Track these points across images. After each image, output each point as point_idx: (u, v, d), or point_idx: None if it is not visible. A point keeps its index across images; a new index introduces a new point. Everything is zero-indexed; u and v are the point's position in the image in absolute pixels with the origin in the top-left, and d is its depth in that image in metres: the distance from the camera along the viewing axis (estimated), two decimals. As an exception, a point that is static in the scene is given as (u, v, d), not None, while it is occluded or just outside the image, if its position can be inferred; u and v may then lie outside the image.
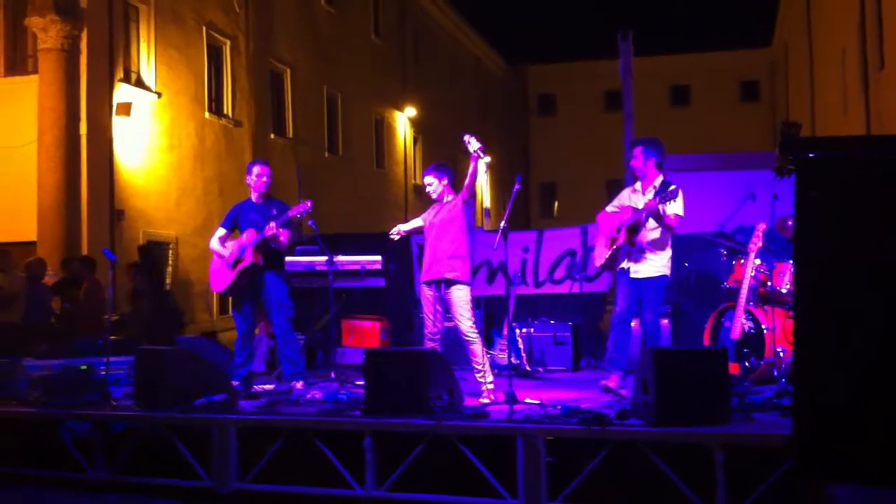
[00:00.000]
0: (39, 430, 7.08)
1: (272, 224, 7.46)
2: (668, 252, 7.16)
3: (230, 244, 7.80)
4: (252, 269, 7.57)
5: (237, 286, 7.69)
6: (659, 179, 7.21)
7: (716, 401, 5.64)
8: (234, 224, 7.91)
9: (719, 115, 39.35)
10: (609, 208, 7.45)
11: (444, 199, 7.34)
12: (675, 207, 6.89)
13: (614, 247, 7.13)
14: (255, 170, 7.91)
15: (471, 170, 6.99)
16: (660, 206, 6.78)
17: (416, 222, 7.59)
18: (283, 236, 7.57)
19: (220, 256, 7.77)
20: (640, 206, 7.11)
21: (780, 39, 36.25)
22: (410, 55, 31.84)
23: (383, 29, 29.48)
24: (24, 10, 15.51)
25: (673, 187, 6.86)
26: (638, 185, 7.35)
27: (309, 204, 7.57)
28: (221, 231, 7.91)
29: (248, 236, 7.59)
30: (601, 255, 7.34)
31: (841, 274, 4.26)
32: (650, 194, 7.12)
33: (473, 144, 6.95)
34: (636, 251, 7.07)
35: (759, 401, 6.33)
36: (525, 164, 42.38)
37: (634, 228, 7.00)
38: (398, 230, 7.66)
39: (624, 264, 7.17)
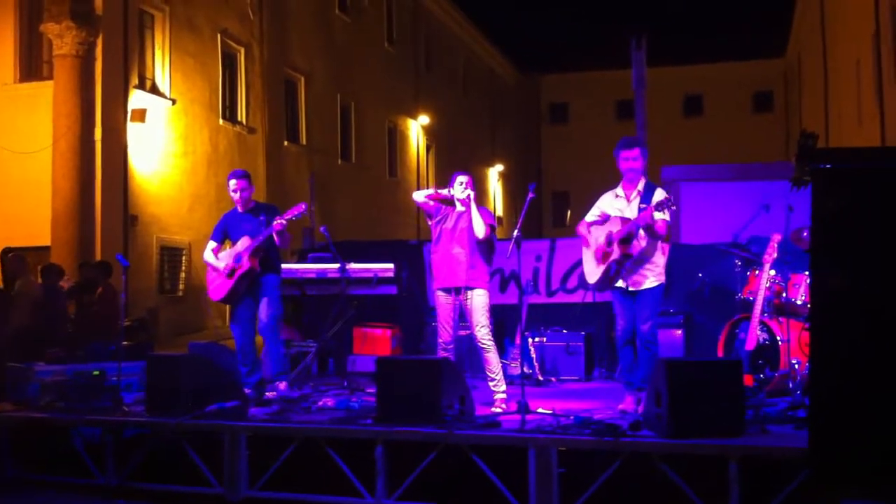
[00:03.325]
0: (51, 435, 7.08)
1: (279, 221, 7.39)
2: (663, 259, 6.94)
3: (224, 255, 7.75)
4: (250, 274, 7.51)
5: (236, 293, 7.62)
6: (642, 183, 7.00)
7: (730, 413, 5.59)
8: (224, 236, 7.86)
9: (732, 125, 39.24)
10: (590, 217, 7.17)
11: (458, 208, 7.28)
12: (664, 215, 6.65)
13: (609, 261, 6.85)
14: (232, 184, 7.78)
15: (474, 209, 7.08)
16: (654, 214, 6.57)
17: (426, 191, 7.50)
18: (284, 233, 7.54)
19: (215, 269, 7.72)
20: (627, 213, 6.88)
21: (794, 50, 36.17)
22: (423, 63, 31.90)
23: (397, 37, 29.56)
24: (39, 16, 15.63)
25: (663, 195, 6.64)
26: (620, 191, 7.08)
27: (303, 206, 7.54)
28: (212, 244, 7.84)
29: (242, 244, 7.54)
30: (595, 272, 7.05)
31: (858, 286, 4.22)
32: (636, 200, 6.90)
33: (461, 192, 7.16)
34: (632, 263, 6.85)
35: (774, 413, 6.27)
36: (537, 173, 42.37)
37: (628, 240, 6.74)
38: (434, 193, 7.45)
39: (619, 283, 6.95)
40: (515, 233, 6.66)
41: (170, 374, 6.82)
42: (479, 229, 7.04)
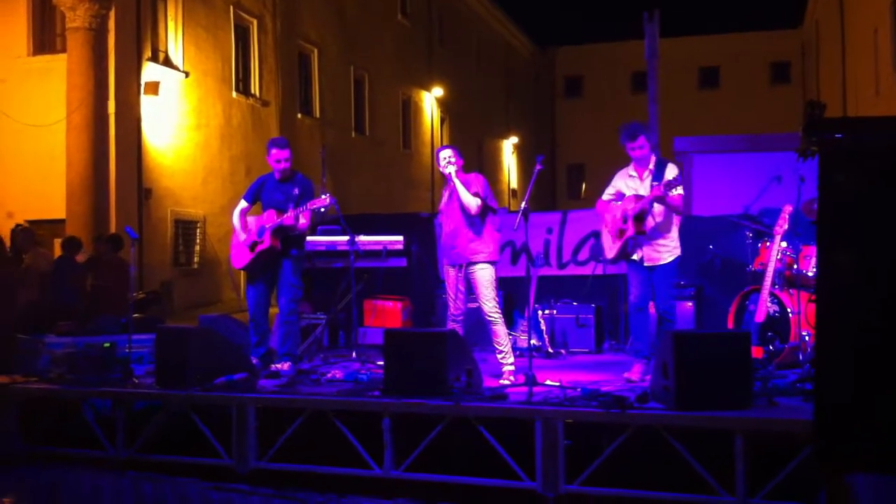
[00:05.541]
0: (62, 407, 7.14)
1: (289, 214, 7.41)
2: (676, 232, 7.09)
3: (251, 221, 7.75)
4: (270, 251, 7.53)
5: (255, 266, 7.68)
6: (653, 161, 7.12)
7: (737, 385, 5.58)
8: (255, 198, 7.86)
9: (749, 97, 38.88)
10: (606, 196, 7.31)
11: (455, 179, 7.23)
12: (677, 190, 6.80)
13: (624, 238, 7.03)
14: (274, 152, 7.75)
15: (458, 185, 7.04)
16: (665, 191, 6.71)
17: None
18: (305, 217, 7.53)
19: (240, 235, 7.75)
20: (641, 191, 7.01)
21: (811, 20, 35.77)
22: (437, 35, 31.71)
23: (410, 9, 29.37)
24: (52, -12, 15.59)
25: (674, 172, 6.80)
26: (633, 171, 7.21)
27: (327, 199, 7.48)
28: (243, 203, 7.86)
29: (268, 217, 7.55)
30: (612, 248, 7.23)
31: (865, 259, 4.18)
32: (648, 178, 7.03)
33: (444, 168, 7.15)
34: (646, 239, 6.99)
35: (783, 385, 6.25)
36: (552, 145, 42.18)
37: (641, 217, 6.91)
38: None
39: (635, 256, 7.09)
40: (522, 205, 6.67)
41: (179, 347, 6.84)
42: (469, 203, 7.02)
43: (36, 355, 7.65)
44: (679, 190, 6.76)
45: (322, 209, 7.53)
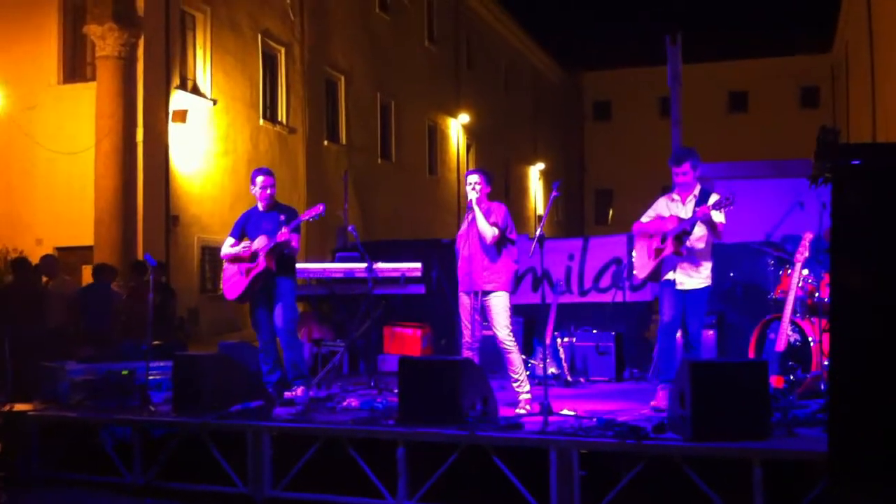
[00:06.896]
0: (80, 433, 7.16)
1: (284, 230, 7.38)
2: (710, 262, 7.07)
3: (244, 244, 7.71)
4: (265, 274, 7.47)
5: (251, 291, 7.58)
6: (698, 188, 7.12)
7: (755, 415, 5.50)
8: (242, 233, 7.77)
9: (778, 121, 38.63)
10: (645, 219, 7.29)
11: (475, 206, 7.19)
12: (721, 216, 6.82)
13: (661, 257, 7.00)
14: (259, 180, 7.69)
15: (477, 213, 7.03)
16: (712, 213, 6.69)
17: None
18: (295, 241, 7.51)
19: (234, 258, 7.63)
20: (682, 214, 7.00)
21: (841, 44, 35.55)
22: (464, 62, 31.84)
23: (438, 35, 29.53)
24: (82, 18, 15.85)
25: (718, 196, 6.83)
26: (676, 195, 7.21)
27: (321, 208, 7.46)
28: (231, 241, 7.76)
29: (260, 242, 7.50)
30: (645, 267, 7.20)
31: (881, 286, 4.11)
32: (692, 203, 7.02)
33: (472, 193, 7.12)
34: (683, 261, 6.95)
35: (803, 416, 6.14)
36: (580, 170, 42.13)
37: (681, 238, 6.90)
38: None
39: (670, 275, 7.05)
40: (538, 231, 6.63)
41: (195, 374, 6.86)
42: (485, 232, 6.98)
43: (56, 381, 7.69)
44: (721, 216, 6.77)
45: (313, 218, 7.49)
